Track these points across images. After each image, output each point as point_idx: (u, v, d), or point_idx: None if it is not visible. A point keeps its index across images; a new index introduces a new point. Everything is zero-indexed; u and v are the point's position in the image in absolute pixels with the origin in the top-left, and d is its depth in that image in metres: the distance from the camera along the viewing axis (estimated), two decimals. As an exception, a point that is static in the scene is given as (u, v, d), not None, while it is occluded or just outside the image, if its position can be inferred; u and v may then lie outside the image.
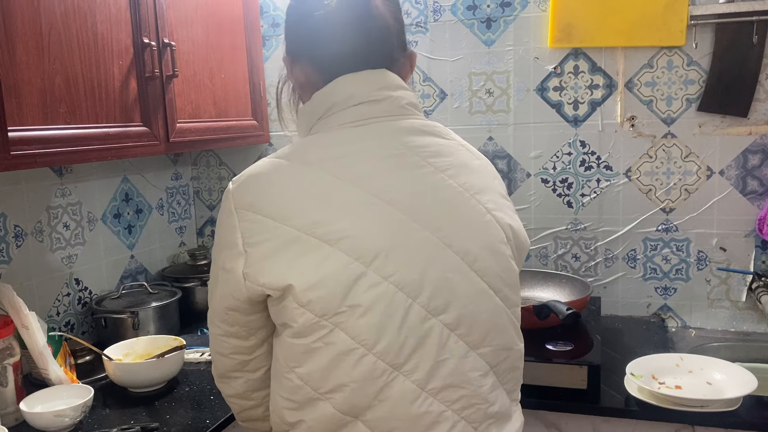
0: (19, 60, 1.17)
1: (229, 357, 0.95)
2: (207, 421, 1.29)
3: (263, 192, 0.85)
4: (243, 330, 0.91)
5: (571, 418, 1.40)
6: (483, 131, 1.93)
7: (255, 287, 0.83)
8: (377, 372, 0.82)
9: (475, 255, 0.87)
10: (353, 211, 0.82)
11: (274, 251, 0.81)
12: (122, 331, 1.68)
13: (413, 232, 0.83)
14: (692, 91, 1.75)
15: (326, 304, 0.80)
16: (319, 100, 0.91)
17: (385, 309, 0.81)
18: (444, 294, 0.84)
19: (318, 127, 0.91)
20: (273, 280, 0.81)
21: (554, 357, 1.42)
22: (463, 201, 0.89)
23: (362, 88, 0.90)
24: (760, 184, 1.73)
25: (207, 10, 1.73)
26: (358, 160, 0.85)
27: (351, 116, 0.89)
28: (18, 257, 1.56)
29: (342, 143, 0.87)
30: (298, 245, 0.80)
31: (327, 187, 0.83)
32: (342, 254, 0.80)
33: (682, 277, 1.83)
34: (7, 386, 1.29)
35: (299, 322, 0.82)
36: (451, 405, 0.86)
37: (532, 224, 1.93)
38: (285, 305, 0.83)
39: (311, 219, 0.81)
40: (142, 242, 2.00)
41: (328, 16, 0.90)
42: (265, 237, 0.82)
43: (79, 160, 1.34)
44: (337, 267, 0.80)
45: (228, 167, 2.21)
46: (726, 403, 1.30)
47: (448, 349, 0.85)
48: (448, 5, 1.90)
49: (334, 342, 0.82)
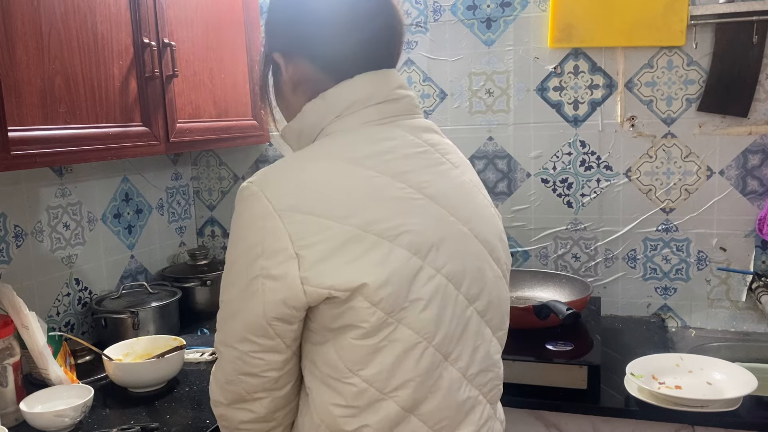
0: (19, 60, 1.17)
1: (260, 376, 0.85)
2: (207, 421, 1.29)
3: (309, 192, 0.81)
4: (283, 342, 0.84)
5: (571, 418, 1.40)
6: (483, 131, 1.93)
7: (319, 290, 0.78)
8: (435, 363, 0.83)
9: (493, 245, 0.92)
10: (403, 206, 0.82)
11: (332, 252, 0.78)
12: (122, 331, 1.68)
13: (452, 225, 0.86)
14: (692, 91, 1.75)
15: (394, 301, 0.80)
16: (337, 98, 0.89)
17: (441, 301, 0.83)
18: (478, 283, 0.88)
19: (336, 125, 0.89)
20: (342, 280, 0.78)
21: (554, 357, 1.42)
22: (475, 195, 0.94)
23: (383, 87, 0.89)
24: (760, 184, 1.73)
25: (207, 10, 1.73)
26: (395, 157, 0.85)
27: (374, 114, 0.88)
28: (18, 257, 1.56)
29: (375, 141, 0.86)
30: (358, 243, 0.78)
31: (375, 183, 0.82)
32: (402, 250, 0.80)
33: (682, 277, 1.83)
34: (7, 386, 1.29)
35: (371, 322, 0.79)
36: (482, 388, 0.90)
37: (532, 224, 1.93)
38: (353, 306, 0.79)
39: (367, 216, 0.80)
40: (142, 242, 2.00)
41: (338, 12, 0.88)
42: (320, 238, 0.78)
43: (79, 160, 1.34)
44: (400, 263, 0.80)
45: (228, 167, 2.21)
46: (726, 403, 1.30)
47: (481, 334, 0.89)
48: (448, 5, 1.90)
49: (398, 338, 0.81)
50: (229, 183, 2.22)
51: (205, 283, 1.96)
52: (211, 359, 1.62)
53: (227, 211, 2.23)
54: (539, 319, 1.50)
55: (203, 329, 1.86)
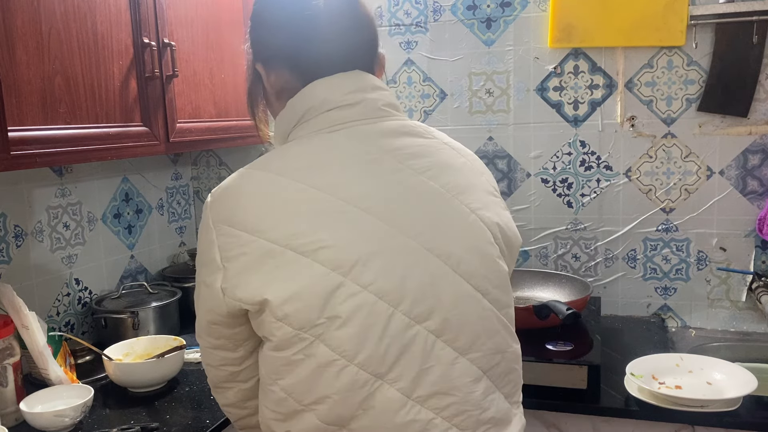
0: (19, 60, 1.17)
1: (219, 368, 0.95)
2: (207, 421, 1.29)
3: (237, 205, 0.83)
4: (229, 342, 0.91)
5: (571, 418, 1.40)
6: (483, 131, 1.93)
7: (233, 302, 0.82)
8: (359, 382, 0.80)
9: (459, 258, 0.85)
10: (329, 220, 0.80)
11: (249, 265, 0.80)
12: (122, 331, 1.68)
13: (391, 239, 0.82)
14: (692, 91, 1.75)
15: (304, 317, 0.79)
16: (294, 106, 0.90)
17: (364, 319, 0.79)
18: (427, 300, 0.82)
19: (293, 134, 0.90)
20: (249, 294, 0.80)
21: (554, 357, 1.42)
22: (445, 202, 0.87)
23: (335, 92, 0.88)
24: (760, 184, 1.73)
25: (207, 10, 1.73)
26: (332, 168, 0.84)
27: (324, 122, 0.87)
28: (18, 257, 1.56)
29: (315, 151, 0.85)
30: (274, 258, 0.79)
31: (301, 197, 0.81)
32: (319, 265, 0.78)
33: (682, 277, 1.83)
34: (7, 386, 1.29)
35: (278, 336, 0.81)
36: (440, 412, 0.84)
37: (532, 224, 1.93)
38: (263, 319, 0.82)
39: (286, 231, 0.79)
40: (142, 242, 2.00)
41: (316, 18, 0.88)
42: (241, 251, 0.80)
43: (79, 160, 1.34)
44: (314, 279, 0.78)
45: (228, 167, 2.21)
46: (726, 403, 1.30)
47: (434, 356, 0.83)
48: (448, 5, 1.90)
49: (314, 354, 0.80)
50: (229, 183, 2.22)
51: (205, 283, 1.96)
52: (211, 359, 1.62)
53: (227, 211, 2.23)
54: (539, 319, 1.50)
55: (203, 329, 1.86)
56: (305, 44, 0.90)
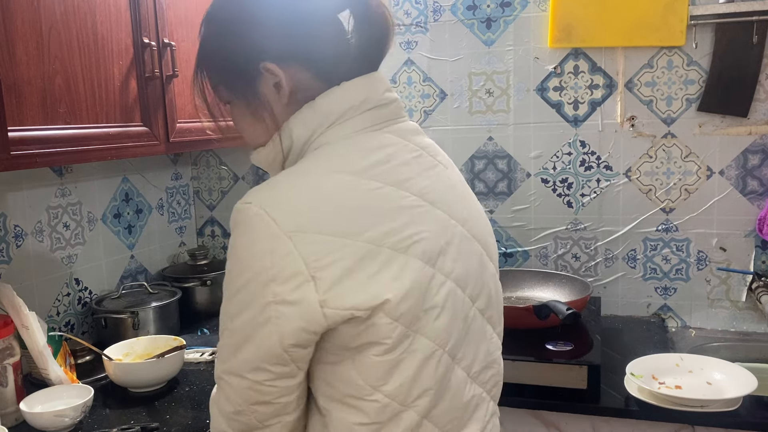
0: (19, 60, 1.17)
1: (272, 403, 0.81)
2: (207, 421, 1.29)
3: (316, 210, 0.77)
4: (296, 366, 0.80)
5: (571, 418, 1.40)
6: (483, 131, 1.93)
7: (339, 312, 0.75)
8: (449, 368, 0.83)
9: (487, 242, 0.93)
10: (411, 215, 0.81)
11: (349, 271, 0.75)
12: (122, 331, 1.68)
13: (453, 228, 0.86)
14: (692, 91, 1.75)
15: (413, 313, 0.78)
16: (331, 105, 0.85)
17: (452, 306, 0.83)
18: (479, 282, 0.88)
19: (326, 136, 0.85)
20: (362, 299, 0.75)
21: (554, 357, 1.42)
22: (468, 194, 0.94)
23: (373, 92, 0.86)
24: (760, 184, 1.73)
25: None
26: (394, 165, 0.83)
27: (366, 121, 0.85)
28: (18, 257, 1.56)
29: (372, 150, 0.83)
30: (373, 259, 0.76)
31: (380, 195, 0.80)
32: (415, 260, 0.79)
33: (682, 277, 1.83)
34: (7, 386, 1.29)
35: (393, 337, 0.77)
36: (485, 385, 0.90)
37: (532, 224, 1.93)
38: (374, 323, 0.76)
39: (379, 230, 0.77)
40: (142, 242, 2.00)
41: (331, 14, 0.86)
42: (335, 257, 0.75)
43: (79, 160, 1.34)
44: (415, 273, 0.78)
45: (228, 167, 2.21)
46: (726, 403, 1.30)
47: (483, 332, 0.90)
48: (448, 5, 1.90)
49: (417, 349, 0.79)
50: (229, 183, 2.22)
51: (205, 283, 1.96)
52: (211, 359, 1.62)
53: (227, 211, 2.23)
54: (539, 319, 1.50)
55: (203, 329, 1.86)
56: (325, 42, 0.86)
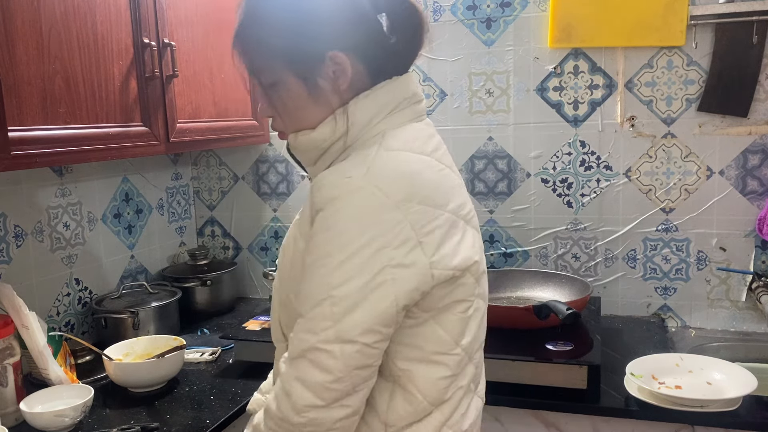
0: (19, 60, 1.17)
1: (371, 366, 0.85)
2: (207, 421, 1.29)
3: (415, 183, 0.86)
4: (395, 327, 0.85)
5: (571, 418, 1.40)
6: (483, 131, 1.93)
7: (444, 272, 0.86)
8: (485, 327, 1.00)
9: None
10: (463, 194, 0.94)
11: (444, 237, 0.86)
12: (122, 331, 1.68)
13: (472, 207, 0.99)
14: (692, 91, 1.75)
15: (480, 275, 0.93)
16: (387, 96, 0.93)
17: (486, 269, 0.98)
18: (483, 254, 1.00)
19: (386, 123, 0.92)
20: (460, 261, 0.87)
21: (554, 357, 1.42)
22: None
23: (417, 87, 0.98)
24: (760, 184, 1.73)
25: (207, 10, 1.73)
26: (444, 151, 0.96)
27: (413, 113, 0.96)
28: (18, 257, 1.56)
29: (428, 137, 0.95)
30: (455, 228, 0.88)
31: (446, 173, 0.92)
32: (474, 230, 0.94)
33: (682, 277, 1.83)
34: (7, 386, 1.29)
35: (475, 294, 0.92)
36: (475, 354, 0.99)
37: (532, 224, 1.93)
38: (463, 282, 0.89)
39: (456, 203, 0.90)
40: (142, 242, 2.00)
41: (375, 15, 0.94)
42: (434, 225, 0.85)
43: (79, 160, 1.34)
44: (477, 240, 0.94)
45: (228, 167, 2.21)
46: (726, 403, 1.30)
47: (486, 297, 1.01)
48: (448, 5, 1.90)
49: (479, 307, 0.94)
50: (229, 183, 2.22)
51: (205, 283, 1.96)
52: (211, 359, 1.62)
53: (227, 211, 2.23)
54: (539, 319, 1.50)
55: (203, 329, 1.87)
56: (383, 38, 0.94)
